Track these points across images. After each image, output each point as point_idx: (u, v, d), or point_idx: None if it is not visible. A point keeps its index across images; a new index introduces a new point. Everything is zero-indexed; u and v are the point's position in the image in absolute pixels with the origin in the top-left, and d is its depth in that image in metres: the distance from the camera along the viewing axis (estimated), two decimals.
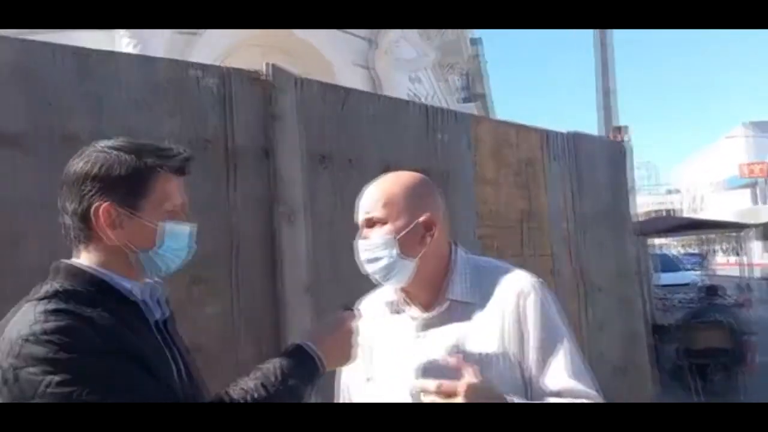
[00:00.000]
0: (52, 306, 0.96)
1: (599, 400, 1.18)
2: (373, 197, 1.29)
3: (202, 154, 2.07)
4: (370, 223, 1.28)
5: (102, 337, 0.95)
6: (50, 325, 0.92)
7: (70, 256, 1.10)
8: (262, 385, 1.03)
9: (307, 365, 1.11)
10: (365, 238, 1.28)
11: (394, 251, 1.24)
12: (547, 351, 1.21)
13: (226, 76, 2.15)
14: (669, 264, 13.36)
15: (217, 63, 2.61)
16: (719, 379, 6.39)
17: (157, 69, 2.00)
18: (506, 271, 1.31)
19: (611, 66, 7.51)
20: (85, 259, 1.07)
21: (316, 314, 2.22)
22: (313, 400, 1.13)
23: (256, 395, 1.01)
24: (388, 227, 1.26)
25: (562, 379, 1.18)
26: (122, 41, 4.66)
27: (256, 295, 2.14)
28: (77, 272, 1.05)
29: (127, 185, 1.06)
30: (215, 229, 2.07)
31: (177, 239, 1.11)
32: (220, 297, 2.06)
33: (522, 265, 1.39)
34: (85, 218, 1.05)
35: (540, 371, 1.20)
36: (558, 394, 1.19)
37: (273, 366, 1.07)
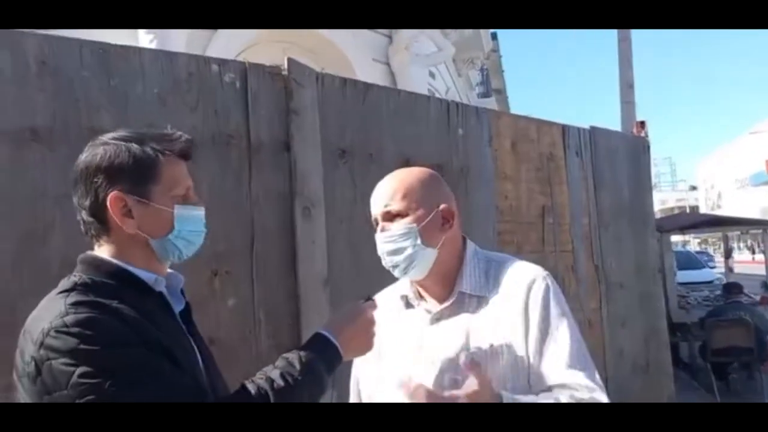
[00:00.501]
0: (76, 298, 0.97)
1: (598, 391, 1.17)
2: (391, 190, 1.30)
3: (224, 148, 2.09)
4: (389, 216, 1.28)
5: (125, 328, 0.96)
6: (72, 317, 0.93)
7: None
8: (288, 373, 1.04)
9: (328, 354, 1.12)
10: (385, 230, 1.29)
11: (417, 240, 1.25)
12: (546, 341, 1.21)
13: (247, 71, 2.17)
14: (692, 261, 13.13)
15: (237, 59, 2.62)
16: (741, 378, 6.30)
17: (179, 64, 2.02)
18: (516, 265, 1.32)
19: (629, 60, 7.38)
20: (105, 252, 1.08)
21: (334, 308, 2.24)
22: (330, 389, 1.14)
23: (282, 383, 1.03)
24: (408, 218, 1.27)
25: (559, 370, 1.18)
26: (141, 36, 4.69)
27: (274, 288, 2.16)
28: (100, 264, 1.06)
29: (135, 172, 1.07)
30: (235, 222, 2.09)
31: (190, 223, 1.12)
32: (239, 290, 2.08)
33: (542, 261, 1.38)
34: (99, 211, 1.06)
35: (539, 361, 1.20)
36: (556, 384, 1.18)
37: (295, 355, 1.08)
